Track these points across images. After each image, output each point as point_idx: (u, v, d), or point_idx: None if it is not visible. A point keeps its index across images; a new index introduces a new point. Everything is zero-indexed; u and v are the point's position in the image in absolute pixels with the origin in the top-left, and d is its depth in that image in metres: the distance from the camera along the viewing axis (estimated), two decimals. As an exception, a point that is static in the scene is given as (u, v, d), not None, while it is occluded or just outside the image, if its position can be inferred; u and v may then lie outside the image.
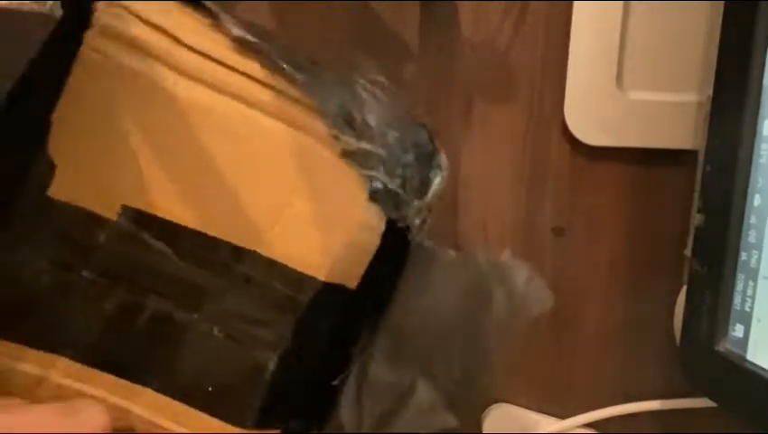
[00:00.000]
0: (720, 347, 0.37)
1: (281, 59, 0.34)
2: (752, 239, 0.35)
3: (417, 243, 0.36)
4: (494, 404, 0.47)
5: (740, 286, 0.36)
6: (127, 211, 0.33)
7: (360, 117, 0.35)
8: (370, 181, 0.34)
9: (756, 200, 0.35)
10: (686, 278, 0.39)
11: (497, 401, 0.47)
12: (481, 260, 0.39)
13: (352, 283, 0.35)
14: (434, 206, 0.37)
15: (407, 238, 0.36)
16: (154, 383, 0.34)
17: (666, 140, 0.44)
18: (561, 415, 0.47)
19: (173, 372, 0.34)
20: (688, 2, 0.42)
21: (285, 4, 0.43)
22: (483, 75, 0.44)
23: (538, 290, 0.39)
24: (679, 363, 0.39)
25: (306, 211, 0.34)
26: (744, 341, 0.36)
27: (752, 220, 0.35)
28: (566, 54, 0.43)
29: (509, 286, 0.38)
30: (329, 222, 0.34)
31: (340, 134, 0.34)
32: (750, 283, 0.36)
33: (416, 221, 0.35)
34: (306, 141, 0.34)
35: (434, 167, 0.37)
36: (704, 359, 0.38)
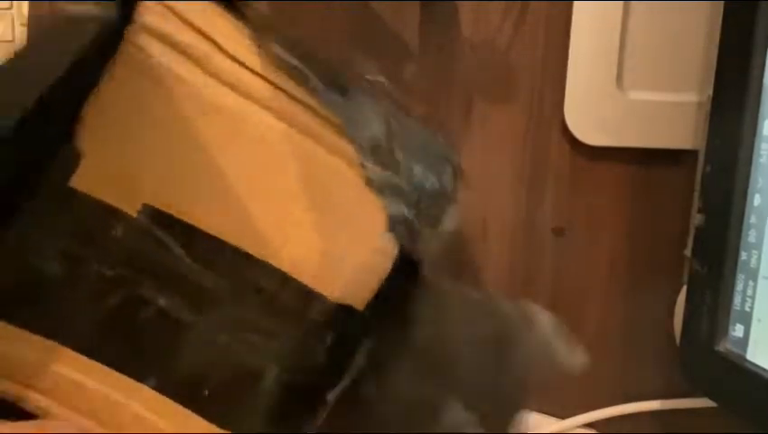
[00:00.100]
0: (720, 347, 0.37)
1: (319, 80, 0.34)
2: (752, 239, 0.35)
3: (434, 279, 0.37)
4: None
5: (740, 286, 0.36)
6: (147, 209, 0.33)
7: (389, 149, 0.35)
8: (391, 209, 0.35)
9: (756, 200, 0.35)
10: (686, 278, 0.39)
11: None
12: (504, 304, 0.39)
13: (360, 305, 0.36)
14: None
15: (417, 267, 0.36)
16: (153, 381, 0.34)
17: (666, 140, 0.44)
18: (561, 415, 0.47)
19: (172, 372, 0.34)
20: (688, 2, 0.42)
21: (285, 5, 0.43)
22: (483, 75, 0.44)
23: (568, 345, 0.39)
24: (678, 363, 0.39)
25: (324, 229, 0.34)
26: (744, 341, 0.36)
27: (752, 220, 0.35)
28: (566, 54, 0.43)
29: (538, 334, 0.39)
30: (345, 244, 0.35)
31: (367, 163, 0.34)
32: (750, 283, 0.36)
33: (427, 251, 0.36)
34: (334, 162, 0.34)
35: (451, 203, 0.37)
36: (704, 359, 0.38)
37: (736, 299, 0.36)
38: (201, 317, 0.34)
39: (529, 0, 0.43)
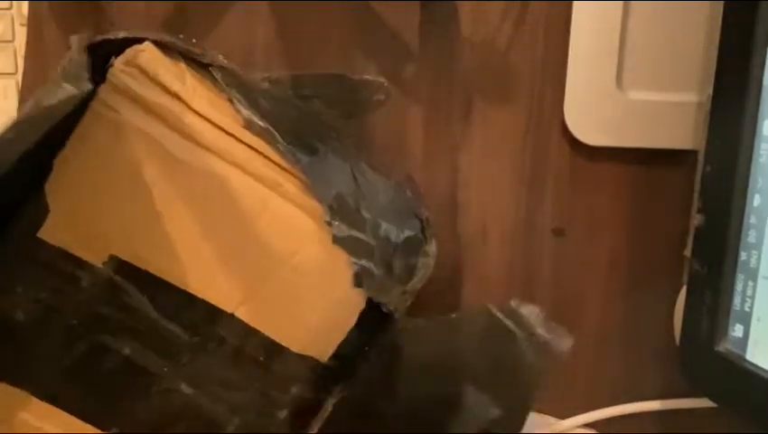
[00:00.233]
0: (720, 347, 0.37)
1: (287, 141, 0.35)
2: (752, 239, 0.35)
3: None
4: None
5: (740, 286, 0.36)
6: (113, 260, 0.34)
7: (356, 207, 0.36)
8: (357, 265, 0.35)
9: (756, 200, 0.35)
10: (686, 278, 0.39)
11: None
12: (492, 308, 0.40)
13: (324, 356, 0.36)
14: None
15: (388, 318, 0.37)
16: (116, 430, 0.35)
17: (666, 140, 0.44)
18: (561, 415, 0.47)
19: (135, 421, 0.35)
20: (688, 2, 0.42)
21: (285, 4, 0.43)
22: (483, 75, 0.44)
23: (555, 331, 0.40)
24: (678, 363, 0.39)
25: (289, 283, 0.35)
26: (744, 341, 0.36)
27: (752, 220, 0.35)
28: (566, 54, 0.43)
29: (528, 329, 0.39)
30: (310, 298, 0.35)
31: (334, 221, 0.35)
32: (750, 283, 0.36)
33: (399, 304, 0.36)
34: (300, 218, 0.35)
35: (421, 255, 0.38)
36: (704, 359, 0.38)
37: (736, 299, 0.36)
38: (166, 367, 0.35)
39: (529, 0, 0.43)
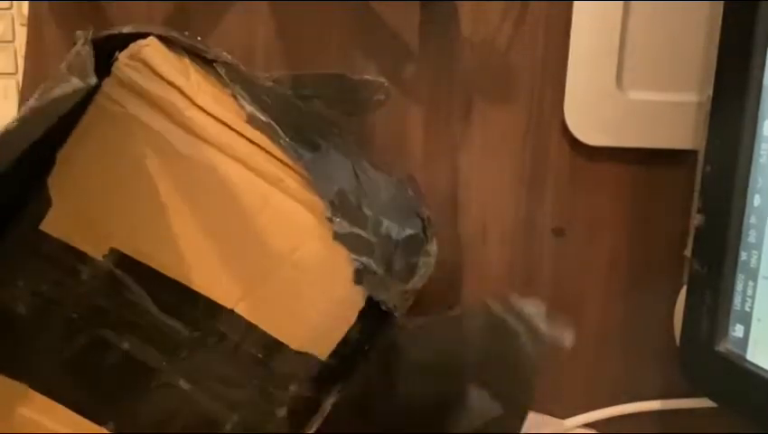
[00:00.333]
0: (720, 347, 0.37)
1: (289, 136, 0.35)
2: (752, 239, 0.35)
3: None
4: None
5: (740, 286, 0.36)
6: (114, 253, 0.34)
7: (357, 204, 0.36)
8: (357, 262, 0.35)
9: (756, 200, 0.35)
10: (686, 278, 0.39)
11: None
12: (492, 303, 0.40)
13: (323, 354, 0.36)
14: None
15: (389, 317, 0.36)
16: (113, 425, 0.34)
17: (666, 140, 0.44)
18: (561, 415, 0.47)
19: (132, 417, 0.35)
20: (688, 2, 0.42)
21: (285, 4, 0.43)
22: (483, 75, 0.44)
23: (557, 325, 0.40)
24: (678, 363, 0.39)
25: (289, 280, 0.35)
26: (744, 341, 0.36)
27: (752, 220, 0.35)
28: (566, 54, 0.43)
29: (529, 324, 0.40)
30: (310, 294, 0.35)
31: (335, 217, 0.35)
32: (750, 283, 0.36)
33: (399, 303, 0.36)
34: (301, 214, 0.35)
35: (422, 255, 0.38)
36: (704, 359, 0.38)
37: (736, 299, 0.36)
38: (165, 363, 0.35)
39: (529, 0, 0.43)
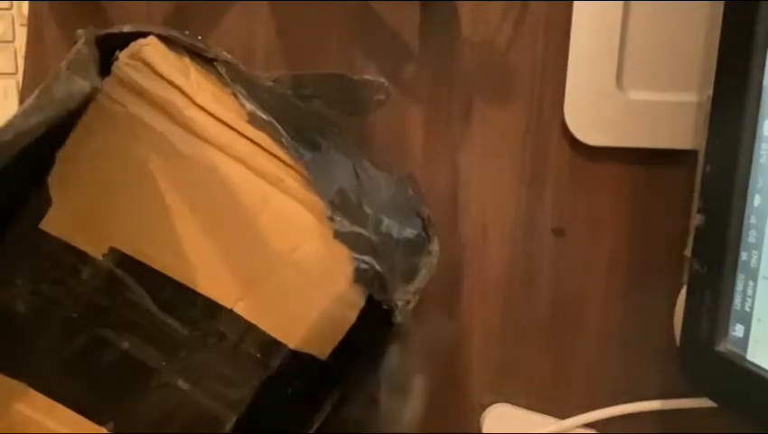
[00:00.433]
0: (720, 347, 0.37)
1: (290, 135, 0.35)
2: (752, 239, 0.35)
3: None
4: (494, 404, 0.47)
5: (740, 286, 0.36)
6: (114, 252, 0.34)
7: (358, 203, 0.36)
8: (358, 261, 0.35)
9: (756, 200, 0.35)
10: (686, 278, 0.39)
11: (497, 402, 0.47)
12: None
13: (323, 354, 0.36)
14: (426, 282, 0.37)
15: (390, 317, 0.36)
16: (112, 424, 0.35)
17: (666, 140, 0.44)
18: (561, 415, 0.47)
19: (132, 416, 0.35)
20: (688, 2, 0.42)
21: (285, 4, 0.43)
22: (483, 75, 0.44)
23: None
24: (678, 363, 0.39)
25: (289, 279, 0.35)
26: (744, 341, 0.36)
27: (752, 220, 0.35)
28: (566, 54, 0.43)
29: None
30: (309, 294, 0.35)
31: (335, 216, 0.34)
32: (750, 283, 0.36)
33: (400, 303, 0.36)
34: (301, 214, 0.35)
35: (424, 254, 0.37)
36: (704, 359, 0.38)
37: (736, 299, 0.36)
38: (164, 362, 0.35)
39: (529, 0, 0.43)
